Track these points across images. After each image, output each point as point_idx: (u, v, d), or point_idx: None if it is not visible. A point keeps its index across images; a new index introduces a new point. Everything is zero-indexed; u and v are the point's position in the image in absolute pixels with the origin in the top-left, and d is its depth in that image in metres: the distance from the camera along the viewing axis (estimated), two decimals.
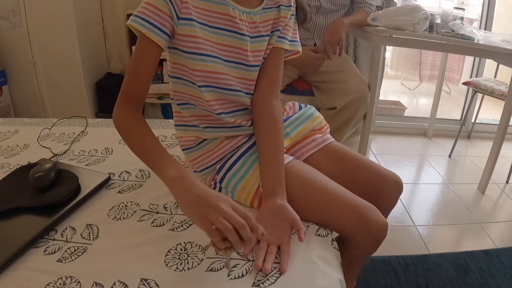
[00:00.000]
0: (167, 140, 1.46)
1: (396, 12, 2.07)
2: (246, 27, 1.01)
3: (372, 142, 3.18)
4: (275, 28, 1.08)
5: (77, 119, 1.70)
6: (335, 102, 1.94)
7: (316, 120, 1.22)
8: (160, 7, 0.89)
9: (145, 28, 0.88)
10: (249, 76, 1.05)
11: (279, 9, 1.08)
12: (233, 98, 1.04)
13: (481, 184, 2.48)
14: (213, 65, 0.98)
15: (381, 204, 1.03)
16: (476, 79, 2.85)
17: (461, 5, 4.91)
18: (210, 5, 0.96)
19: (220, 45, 0.99)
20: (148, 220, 0.96)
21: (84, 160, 1.30)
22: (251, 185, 1.00)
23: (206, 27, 0.96)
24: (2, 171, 1.24)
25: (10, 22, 3.07)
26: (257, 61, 1.06)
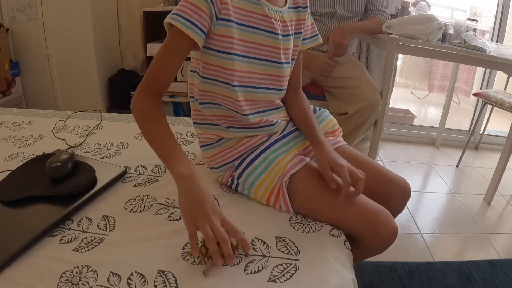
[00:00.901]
0: (182, 137, 1.48)
1: (410, 21, 2.09)
2: (279, 26, 1.04)
3: (381, 149, 3.18)
4: (298, 30, 1.12)
5: (92, 113, 1.72)
6: (347, 107, 1.96)
7: (330, 123, 1.27)
8: (201, 6, 0.90)
9: (184, 26, 0.89)
10: (280, 73, 1.08)
11: (298, 10, 1.12)
12: (262, 96, 1.07)
13: (487, 195, 2.47)
14: (248, 65, 1.00)
15: (388, 208, 1.05)
16: (486, 90, 2.85)
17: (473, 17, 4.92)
18: (248, 5, 0.98)
19: (256, 44, 1.01)
20: (165, 214, 0.98)
21: (99, 153, 1.32)
22: (269, 182, 1.02)
23: (243, 27, 0.98)
24: (16, 160, 1.27)
25: (26, 14, 3.10)
26: (287, 58, 1.09)
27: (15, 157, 1.30)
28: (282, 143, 1.11)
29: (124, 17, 3.27)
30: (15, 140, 1.45)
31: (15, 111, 1.83)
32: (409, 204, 2.27)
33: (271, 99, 1.11)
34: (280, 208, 1.01)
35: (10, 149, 1.37)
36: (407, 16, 2.21)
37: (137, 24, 3.21)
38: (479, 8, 5.13)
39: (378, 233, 0.93)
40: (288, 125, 1.18)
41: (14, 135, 1.50)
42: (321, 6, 2.11)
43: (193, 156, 1.30)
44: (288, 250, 0.87)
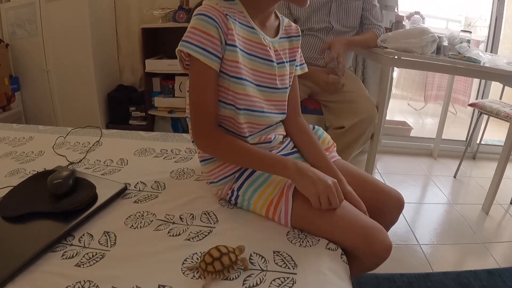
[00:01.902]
0: (181, 153, 1.49)
1: (405, 35, 2.11)
2: (273, 54, 1.10)
3: (378, 161, 3.20)
4: (292, 58, 1.20)
5: (92, 129, 1.74)
6: (344, 121, 1.98)
7: (325, 141, 1.32)
8: (212, 33, 0.96)
9: (203, 56, 0.96)
10: (278, 98, 1.15)
11: (291, 39, 1.20)
12: (262, 120, 1.11)
13: (485, 204, 2.48)
14: (251, 89, 1.05)
15: (382, 220, 1.08)
16: (481, 100, 2.88)
17: (467, 27, 4.97)
18: (247, 33, 1.05)
19: (253, 70, 1.06)
20: (165, 229, 0.99)
21: (99, 170, 1.34)
22: (268, 194, 1.04)
23: (244, 53, 1.03)
24: (18, 176, 1.29)
25: (25, 30, 3.14)
26: (284, 84, 1.15)
27: (16, 173, 1.32)
28: None
29: (122, 33, 3.31)
30: (16, 156, 1.47)
31: (15, 126, 1.85)
32: (407, 216, 2.30)
33: (271, 122, 1.16)
34: (279, 220, 1.02)
35: (11, 165, 1.39)
36: (402, 30, 2.24)
37: (136, 40, 3.25)
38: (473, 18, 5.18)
39: (371, 249, 0.95)
40: (288, 144, 1.22)
41: (15, 151, 1.52)
42: (317, 23, 2.15)
43: (192, 172, 1.31)
44: (286, 264, 0.88)
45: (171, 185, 1.22)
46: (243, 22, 1.04)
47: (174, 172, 1.30)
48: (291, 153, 1.21)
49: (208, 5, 0.99)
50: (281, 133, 1.21)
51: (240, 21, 1.03)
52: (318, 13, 2.15)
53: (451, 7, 5.51)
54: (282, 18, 1.20)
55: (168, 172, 1.30)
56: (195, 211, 1.07)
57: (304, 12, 2.14)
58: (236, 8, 1.04)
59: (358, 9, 2.19)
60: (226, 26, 0.98)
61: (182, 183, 1.24)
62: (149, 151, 1.49)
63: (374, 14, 2.22)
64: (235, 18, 1.02)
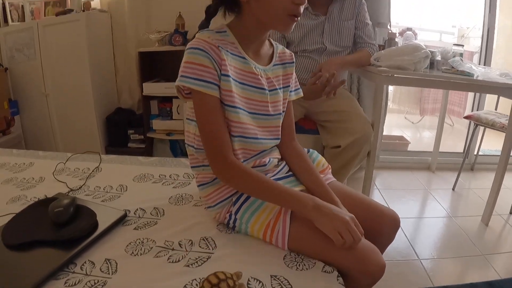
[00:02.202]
0: (180, 178, 1.51)
1: (398, 52, 2.15)
2: (265, 82, 1.13)
3: (377, 177, 3.21)
4: (286, 84, 1.23)
5: (91, 155, 1.76)
6: (340, 141, 2.00)
7: (320, 163, 1.34)
8: (206, 64, 1.00)
9: (203, 87, 1.00)
10: (271, 124, 1.18)
11: (285, 66, 1.23)
12: (256, 146, 1.14)
13: (484, 216, 2.48)
14: (244, 117, 1.08)
15: (379, 239, 1.13)
16: (477, 112, 2.90)
17: (461, 39, 5.02)
18: (239, 63, 1.08)
19: (246, 98, 1.10)
20: (164, 256, 1.01)
21: (99, 196, 1.36)
22: (264, 217, 1.06)
23: (237, 83, 1.07)
24: (19, 203, 1.31)
25: (24, 54, 3.18)
26: (276, 110, 1.18)
27: (17, 199, 1.34)
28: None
29: (120, 56, 3.35)
30: (16, 183, 1.49)
31: (15, 152, 1.87)
32: (407, 231, 2.31)
33: (265, 148, 1.18)
34: (276, 243, 1.04)
35: (12, 191, 1.41)
36: (394, 47, 2.27)
37: (133, 64, 3.27)
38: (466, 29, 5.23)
39: (365, 269, 0.97)
40: (283, 168, 1.24)
41: (16, 177, 1.54)
42: (310, 44, 2.19)
43: (190, 198, 1.33)
44: None
45: (170, 211, 1.24)
46: (234, 53, 1.08)
47: (172, 198, 1.32)
48: (286, 176, 1.23)
49: (200, 38, 1.02)
50: (276, 156, 1.23)
51: (232, 52, 1.07)
52: (311, 35, 2.18)
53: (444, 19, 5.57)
54: (276, 45, 1.24)
55: (166, 198, 1.32)
56: (194, 237, 1.09)
57: (297, 34, 2.17)
58: (227, 40, 1.08)
59: (351, 28, 2.23)
60: (219, 57, 1.02)
61: (181, 209, 1.26)
62: (148, 177, 1.51)
63: (367, 32, 2.26)
64: (227, 49, 1.05)
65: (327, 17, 2.18)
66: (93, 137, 3.20)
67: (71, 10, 3.07)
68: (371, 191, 2.79)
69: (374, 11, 2.76)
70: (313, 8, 2.17)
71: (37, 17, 3.29)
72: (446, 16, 5.55)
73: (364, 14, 2.26)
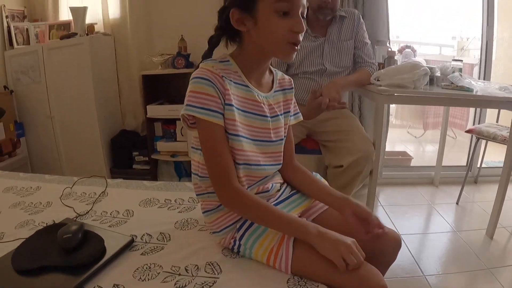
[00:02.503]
0: (185, 203, 1.52)
1: (397, 71, 2.18)
2: (267, 109, 1.17)
3: (380, 193, 3.22)
4: (286, 110, 1.26)
5: (97, 179, 1.79)
6: (342, 160, 2.02)
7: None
8: (211, 93, 1.03)
9: (208, 116, 1.03)
10: (274, 150, 1.20)
11: (285, 92, 1.27)
12: (260, 172, 1.17)
13: (489, 229, 2.48)
14: (247, 145, 1.11)
15: (381, 259, 1.16)
16: (478, 126, 2.92)
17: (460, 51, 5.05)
18: (242, 92, 1.11)
19: (249, 126, 1.13)
20: (171, 281, 1.02)
21: (106, 221, 1.38)
22: (268, 243, 1.08)
23: (240, 111, 1.10)
24: (27, 228, 1.33)
25: (29, 77, 3.23)
26: (278, 136, 1.21)
27: (25, 224, 1.36)
28: (280, 207, 1.18)
29: (123, 79, 3.41)
30: (24, 207, 1.52)
31: (22, 175, 1.90)
32: (411, 247, 2.31)
33: (268, 174, 1.21)
34: (280, 267, 1.05)
35: (20, 216, 1.44)
36: (394, 66, 2.30)
37: (136, 86, 3.32)
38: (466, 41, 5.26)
39: None
40: (286, 190, 1.27)
41: (23, 201, 1.57)
42: (310, 66, 2.23)
43: (196, 222, 1.35)
44: None
45: (176, 236, 1.26)
46: (238, 81, 1.11)
47: (178, 223, 1.34)
48: (287, 197, 1.25)
49: (204, 68, 1.06)
50: (278, 181, 1.26)
51: (235, 80, 1.10)
52: (311, 56, 2.23)
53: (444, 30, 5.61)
54: (276, 72, 1.27)
55: (172, 223, 1.34)
56: (199, 261, 1.10)
57: (297, 56, 2.21)
58: (231, 69, 1.11)
59: (350, 48, 2.27)
60: (223, 86, 1.05)
61: (187, 233, 1.28)
62: (153, 202, 1.53)
63: (366, 52, 2.30)
64: (230, 78, 1.09)
65: (326, 38, 2.23)
66: (98, 159, 3.23)
67: (75, 33, 3.12)
68: (375, 208, 2.80)
69: (373, 29, 2.81)
70: (312, 30, 2.21)
71: (41, 40, 3.34)
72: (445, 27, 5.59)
73: (362, 34, 2.30)
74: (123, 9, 3.27)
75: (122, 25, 3.30)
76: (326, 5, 2.13)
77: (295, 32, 1.05)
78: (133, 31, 3.26)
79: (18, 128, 3.28)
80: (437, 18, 5.73)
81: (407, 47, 2.73)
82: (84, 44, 3.03)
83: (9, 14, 3.31)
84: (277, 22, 1.03)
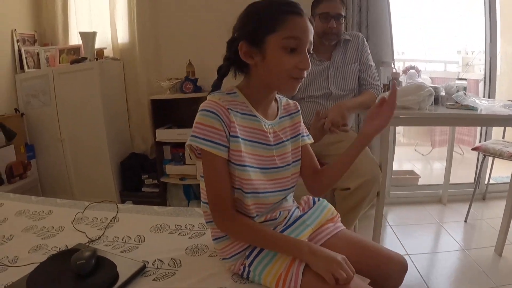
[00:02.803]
0: (195, 229, 1.54)
1: (402, 92, 2.20)
2: (271, 138, 1.20)
3: (389, 213, 3.21)
4: (295, 134, 1.29)
5: (108, 204, 1.82)
6: (349, 183, 2.03)
7: (329, 212, 1.37)
8: (216, 126, 1.07)
9: (211, 147, 1.07)
10: (281, 176, 1.22)
11: (292, 116, 1.30)
12: (270, 200, 1.19)
13: (497, 246, 2.46)
14: (254, 174, 1.14)
15: (388, 284, 1.19)
16: (484, 143, 2.92)
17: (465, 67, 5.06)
18: (249, 122, 1.15)
19: (255, 155, 1.16)
20: None
21: (118, 247, 1.40)
22: (276, 269, 1.10)
23: (246, 141, 1.14)
24: (41, 252, 1.37)
25: (40, 100, 3.29)
26: (284, 162, 1.23)
27: (38, 249, 1.39)
28: (287, 232, 1.20)
29: (132, 103, 3.47)
30: (37, 231, 1.55)
31: (34, 199, 1.94)
32: (420, 267, 2.31)
33: (276, 200, 1.23)
34: None
35: (33, 240, 1.47)
36: (399, 88, 2.32)
37: (145, 110, 3.37)
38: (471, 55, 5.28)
39: None
40: (294, 213, 1.29)
41: (36, 225, 1.60)
42: (316, 90, 2.27)
43: (206, 248, 1.37)
44: None
45: (186, 262, 1.28)
46: (245, 112, 1.15)
47: (189, 249, 1.36)
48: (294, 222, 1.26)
49: (211, 100, 1.10)
50: (286, 208, 1.28)
51: (242, 111, 1.14)
52: (316, 80, 2.27)
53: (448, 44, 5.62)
54: (280, 99, 1.30)
55: (183, 249, 1.36)
56: (210, 287, 1.13)
57: (303, 81, 2.22)
58: (238, 100, 1.15)
59: (355, 71, 2.31)
60: (228, 119, 1.09)
61: (197, 259, 1.30)
62: (164, 227, 1.55)
63: (371, 74, 2.33)
64: (237, 110, 1.12)
65: (331, 62, 2.27)
66: (107, 182, 3.26)
67: (85, 58, 3.19)
68: (383, 229, 2.79)
69: (377, 51, 2.86)
70: (317, 54, 2.25)
71: (52, 64, 3.41)
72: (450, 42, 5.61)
73: (367, 56, 2.33)
74: (131, 34, 3.35)
75: (131, 50, 3.36)
76: (331, 31, 2.17)
77: (301, 68, 1.09)
78: (141, 55, 3.33)
79: (28, 150, 3.33)
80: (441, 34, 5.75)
81: (411, 68, 2.76)
82: (94, 69, 3.09)
83: (20, 38, 3.39)
84: (284, 58, 1.07)
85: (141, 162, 3.36)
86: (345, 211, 2.00)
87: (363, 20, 2.94)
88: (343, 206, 2.04)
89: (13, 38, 3.33)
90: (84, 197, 3.18)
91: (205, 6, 3.21)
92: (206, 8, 3.20)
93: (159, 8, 3.33)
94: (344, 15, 2.22)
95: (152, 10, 3.31)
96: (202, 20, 3.21)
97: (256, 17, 1.11)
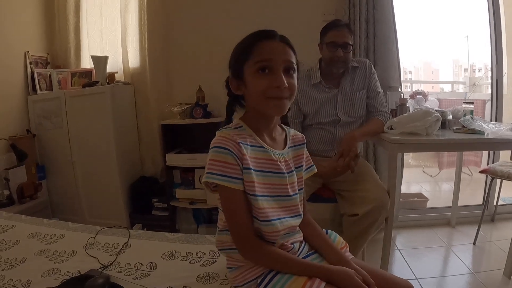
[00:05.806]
0: (206, 256, 1.55)
1: (410, 119, 2.23)
2: (283, 166, 1.24)
3: (397, 237, 3.21)
4: (299, 164, 1.33)
5: (120, 229, 1.85)
6: (357, 209, 2.04)
7: (339, 243, 1.40)
8: (230, 161, 1.12)
9: (228, 182, 1.12)
10: (292, 203, 1.26)
11: (297, 148, 1.34)
12: (282, 226, 1.21)
13: (506, 268, 2.44)
14: (267, 203, 1.18)
15: None
16: (492, 166, 2.92)
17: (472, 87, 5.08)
18: (258, 153, 1.20)
19: (267, 184, 1.20)
20: None
21: (130, 273, 1.43)
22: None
23: (257, 172, 1.18)
24: (53, 277, 1.39)
25: (51, 122, 3.33)
26: (294, 190, 1.28)
27: (51, 273, 1.42)
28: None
29: (143, 127, 3.50)
30: (49, 255, 1.58)
31: (45, 222, 1.98)
32: None
33: (290, 225, 1.25)
34: None
35: (45, 264, 1.50)
36: (406, 114, 2.35)
37: (155, 134, 3.42)
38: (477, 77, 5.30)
39: None
40: (304, 249, 1.31)
41: (48, 249, 1.64)
42: (325, 117, 2.31)
43: (217, 276, 1.38)
44: None
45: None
46: (254, 144, 1.19)
47: (200, 277, 1.38)
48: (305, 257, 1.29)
49: (221, 136, 1.14)
50: (298, 239, 1.30)
51: (251, 144, 1.18)
52: (325, 107, 2.31)
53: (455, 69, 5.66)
54: (288, 130, 1.36)
55: (194, 277, 1.37)
56: None
57: (312, 107, 2.30)
58: (245, 133, 1.20)
59: (363, 98, 2.34)
60: (240, 152, 1.13)
61: (208, 287, 1.32)
62: (175, 254, 1.57)
63: (379, 101, 2.36)
64: (247, 143, 1.17)
65: (339, 89, 2.30)
66: (117, 204, 3.27)
67: (97, 82, 3.25)
68: (391, 252, 2.78)
69: (385, 76, 2.89)
70: (326, 81, 2.29)
71: (64, 87, 3.47)
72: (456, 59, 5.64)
73: (375, 83, 2.37)
74: (142, 59, 3.40)
75: (142, 74, 3.42)
76: (338, 59, 2.21)
77: (275, 86, 1.13)
78: (152, 80, 3.38)
79: (39, 171, 3.37)
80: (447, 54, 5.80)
81: (418, 92, 2.79)
82: (105, 93, 3.14)
83: (33, 60, 3.46)
84: (258, 80, 1.14)
85: (151, 185, 3.38)
86: (353, 237, 2.01)
87: (370, 46, 2.99)
88: (351, 232, 2.05)
89: (26, 60, 3.40)
90: (94, 218, 3.24)
91: (216, 33, 3.28)
92: (216, 35, 3.27)
93: (170, 33, 3.41)
94: (351, 43, 2.25)
95: (163, 36, 3.39)
96: (212, 46, 3.27)
97: (235, 51, 1.21)
